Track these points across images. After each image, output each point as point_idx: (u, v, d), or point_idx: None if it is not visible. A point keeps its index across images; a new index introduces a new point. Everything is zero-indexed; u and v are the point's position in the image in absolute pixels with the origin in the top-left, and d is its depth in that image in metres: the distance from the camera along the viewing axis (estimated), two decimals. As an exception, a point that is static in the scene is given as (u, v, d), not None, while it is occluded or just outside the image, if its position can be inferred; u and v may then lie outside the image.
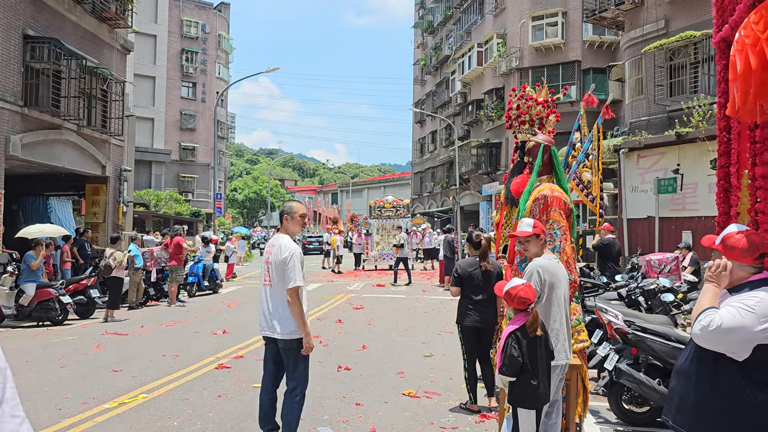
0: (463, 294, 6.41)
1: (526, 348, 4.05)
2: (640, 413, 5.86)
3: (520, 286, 4.14)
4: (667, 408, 3.06)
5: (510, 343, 4.08)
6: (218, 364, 8.27)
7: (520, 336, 4.08)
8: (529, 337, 4.08)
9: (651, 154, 17.66)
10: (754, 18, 2.85)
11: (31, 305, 12.01)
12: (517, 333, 4.10)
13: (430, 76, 48.68)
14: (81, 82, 16.61)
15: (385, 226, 26.09)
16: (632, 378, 5.64)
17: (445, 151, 43.71)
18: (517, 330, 4.11)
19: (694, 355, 2.93)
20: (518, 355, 4.04)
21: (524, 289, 4.13)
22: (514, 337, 4.09)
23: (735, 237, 2.97)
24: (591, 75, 28.74)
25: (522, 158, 5.89)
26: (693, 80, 16.84)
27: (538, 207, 5.10)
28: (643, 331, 5.79)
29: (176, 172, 46.35)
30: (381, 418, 5.96)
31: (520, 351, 4.04)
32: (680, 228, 16.65)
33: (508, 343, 4.09)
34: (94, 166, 17.90)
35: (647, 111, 18.06)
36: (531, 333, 4.06)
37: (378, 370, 8.06)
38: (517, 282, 4.22)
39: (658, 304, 8.28)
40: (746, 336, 2.68)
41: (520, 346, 4.05)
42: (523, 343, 4.05)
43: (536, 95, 6.17)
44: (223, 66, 52.65)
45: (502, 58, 32.04)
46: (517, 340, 4.07)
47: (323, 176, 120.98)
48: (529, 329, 4.07)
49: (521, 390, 4.09)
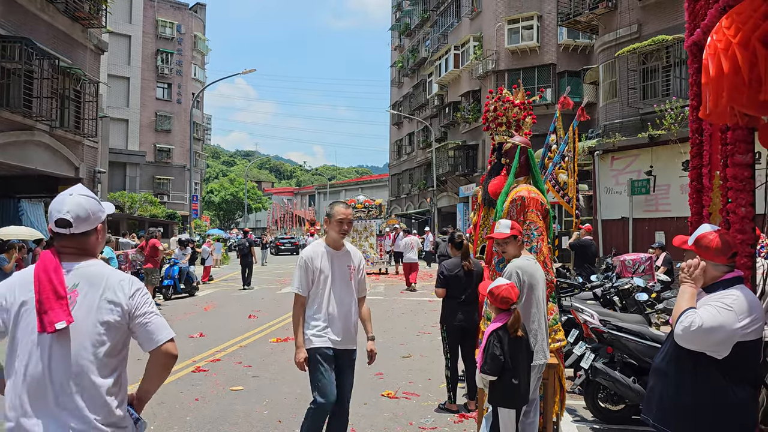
0: (448, 294, 6.47)
1: (508, 347, 4.07)
2: (615, 411, 5.93)
3: (504, 286, 4.17)
4: (647, 407, 3.10)
5: (492, 342, 4.10)
6: (195, 368, 8.20)
7: (502, 335, 4.10)
8: (510, 336, 4.11)
9: (624, 156, 17.92)
10: (725, 23, 2.91)
11: (3, 309, 11.76)
12: (499, 332, 4.12)
13: (408, 78, 48.82)
14: (53, 82, 16.33)
15: (357, 227, 24.43)
16: (608, 376, 5.71)
17: (423, 152, 43.87)
18: (498, 329, 4.14)
19: (673, 353, 2.98)
20: (500, 354, 4.05)
21: (507, 289, 4.16)
22: (496, 336, 4.11)
23: (708, 237, 3.03)
24: (566, 78, 29.08)
25: (499, 160, 5.95)
26: (665, 83, 17.12)
27: (515, 208, 5.14)
28: (618, 330, 5.87)
29: (151, 174, 45.82)
30: (360, 419, 5.96)
31: (502, 350, 4.06)
32: (653, 228, 16.91)
33: (490, 342, 4.11)
34: (67, 167, 17.63)
35: (621, 114, 18.32)
36: (512, 333, 4.09)
37: (357, 371, 8.01)
38: (502, 282, 4.26)
39: (633, 303, 8.41)
40: (727, 334, 2.75)
41: (502, 345, 4.07)
42: (504, 341, 4.07)
43: (513, 97, 6.25)
44: (199, 67, 52.23)
45: (479, 60, 32.26)
46: (499, 339, 4.09)
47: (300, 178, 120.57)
48: (511, 329, 4.09)
49: (502, 389, 4.11)
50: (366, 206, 24.89)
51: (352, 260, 4.67)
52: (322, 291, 4.48)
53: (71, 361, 2.31)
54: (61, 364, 2.31)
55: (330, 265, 4.51)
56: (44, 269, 2.42)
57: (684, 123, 15.45)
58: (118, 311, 2.39)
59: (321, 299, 4.47)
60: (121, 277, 2.49)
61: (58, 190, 18.20)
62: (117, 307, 2.39)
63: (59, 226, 2.47)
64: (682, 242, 3.20)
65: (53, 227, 2.49)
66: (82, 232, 2.49)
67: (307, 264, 4.44)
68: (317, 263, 4.47)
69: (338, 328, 4.55)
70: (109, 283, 2.43)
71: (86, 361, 2.32)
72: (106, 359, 2.36)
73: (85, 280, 2.43)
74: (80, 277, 2.43)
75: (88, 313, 2.36)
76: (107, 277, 2.45)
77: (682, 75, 16.59)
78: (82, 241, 2.51)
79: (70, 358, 2.31)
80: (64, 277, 2.40)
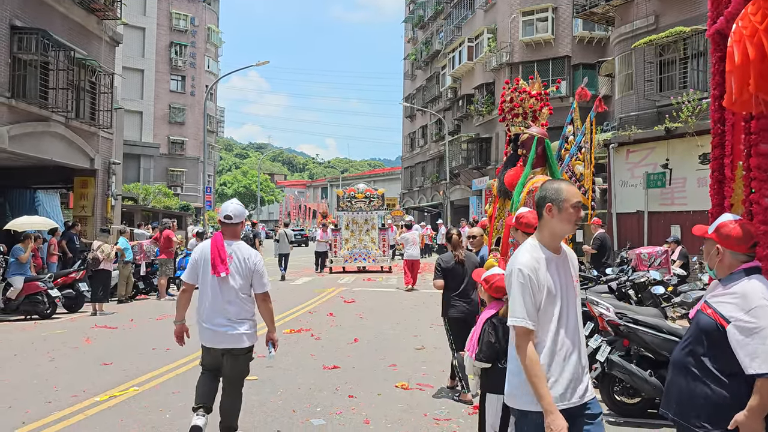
0: (446, 286, 6.60)
1: (503, 334, 4.10)
2: (631, 404, 5.89)
3: (499, 275, 4.22)
4: (666, 401, 3.06)
5: (487, 330, 4.16)
6: (209, 357, 8.22)
7: (497, 322, 4.14)
8: (505, 324, 4.12)
9: (640, 149, 17.75)
10: (751, 9, 2.85)
11: (19, 299, 11.89)
12: (493, 320, 4.18)
13: (421, 71, 48.65)
14: (69, 73, 16.43)
15: (357, 219, 22.39)
16: (624, 369, 5.67)
17: (436, 145, 43.75)
18: (492, 317, 4.19)
19: (692, 347, 2.94)
20: (495, 341, 4.10)
21: (501, 278, 4.19)
22: (490, 324, 4.17)
23: (729, 226, 2.98)
24: (581, 70, 28.82)
25: (515, 151, 5.89)
26: (682, 76, 16.93)
27: (532, 199, 5.10)
28: (635, 322, 5.82)
29: (165, 166, 46.04)
30: (374, 410, 5.96)
31: (497, 337, 4.10)
32: (669, 222, 16.76)
33: (485, 330, 4.17)
34: (82, 158, 17.74)
35: (637, 106, 18.14)
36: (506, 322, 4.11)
37: (370, 362, 8.06)
38: (497, 271, 4.31)
39: (649, 296, 8.34)
40: None
41: (497, 333, 4.11)
42: (499, 329, 4.11)
43: (529, 88, 6.18)
44: (213, 59, 52.33)
45: (493, 53, 32.05)
46: (494, 327, 4.14)
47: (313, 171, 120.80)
48: (504, 318, 4.10)
49: (494, 376, 4.14)
50: (367, 196, 22.61)
51: (573, 267, 3.06)
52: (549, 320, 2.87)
53: (228, 290, 4.74)
54: (223, 292, 4.74)
55: (558, 279, 2.91)
56: (215, 244, 4.80)
57: (701, 116, 15.28)
58: (249, 269, 4.78)
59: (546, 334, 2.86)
60: (252, 252, 4.86)
61: (73, 182, 18.36)
62: (248, 267, 4.78)
63: (226, 219, 4.84)
64: (702, 231, 3.15)
65: (222, 219, 4.86)
66: (235, 224, 4.88)
67: (531, 279, 2.83)
68: (542, 277, 2.86)
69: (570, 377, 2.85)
70: (245, 254, 4.81)
71: (234, 291, 4.74)
72: (243, 292, 4.78)
73: (235, 251, 4.81)
74: (233, 250, 4.81)
75: (236, 269, 4.76)
76: (245, 251, 4.83)
77: (700, 67, 16.39)
78: (235, 229, 4.90)
79: (228, 289, 4.74)
80: (225, 249, 4.78)
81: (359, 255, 22.15)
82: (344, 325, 11.01)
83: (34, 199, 18.90)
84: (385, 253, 22.70)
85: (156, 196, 37.10)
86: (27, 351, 8.81)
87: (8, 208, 18.33)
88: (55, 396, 6.43)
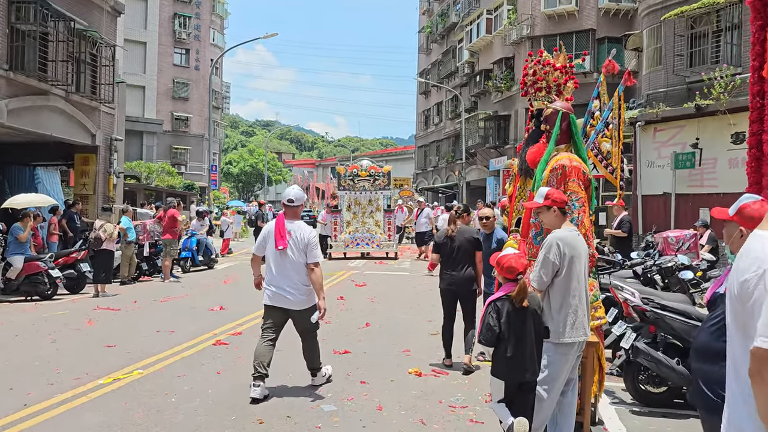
0: (441, 261, 7.39)
1: (507, 318, 4.16)
2: (657, 393, 5.88)
3: (510, 255, 4.31)
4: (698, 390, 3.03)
5: (489, 312, 4.23)
6: (216, 341, 8.29)
7: (500, 306, 4.21)
8: (512, 307, 4.19)
9: (668, 128, 17.56)
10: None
11: (19, 279, 12.01)
12: (497, 303, 4.24)
13: (436, 45, 48.29)
14: (69, 45, 16.43)
15: (359, 200, 20.94)
16: (650, 357, 5.63)
17: (451, 123, 43.53)
18: (498, 299, 4.26)
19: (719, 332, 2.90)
20: (494, 325, 4.17)
21: (514, 258, 4.30)
22: (493, 307, 4.24)
23: (753, 206, 2.88)
24: (606, 44, 28.45)
25: (538, 126, 5.82)
26: (715, 50, 16.67)
27: (555, 177, 5.05)
28: (662, 308, 5.79)
29: (168, 144, 46.17)
30: (387, 396, 5.98)
31: (498, 321, 4.17)
32: (697, 205, 16.59)
33: (487, 311, 4.25)
34: (83, 134, 17.80)
35: (665, 82, 17.91)
36: (518, 303, 4.19)
37: (383, 347, 8.09)
38: (510, 251, 4.40)
39: (676, 282, 8.29)
40: None
41: (499, 316, 4.18)
42: (502, 312, 4.17)
43: (554, 60, 6.09)
44: (218, 32, 52.24)
45: (513, 25, 31.71)
46: (496, 310, 4.21)
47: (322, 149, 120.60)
48: (516, 299, 4.18)
49: (496, 360, 4.27)
50: (371, 174, 21.11)
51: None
52: None
53: (287, 261, 5.97)
54: (284, 262, 5.98)
55: None
56: (278, 223, 6.07)
57: (734, 93, 15.06)
58: (304, 243, 5.98)
59: None
60: (308, 229, 6.09)
61: (74, 158, 18.45)
62: (304, 242, 5.98)
63: (288, 202, 6.14)
64: (722, 214, 3.06)
65: (285, 202, 6.16)
66: (296, 206, 6.16)
67: None
68: None
69: None
70: (303, 231, 6.04)
71: (294, 261, 5.97)
72: (300, 262, 5.98)
73: (294, 229, 6.04)
74: (292, 227, 6.05)
75: (294, 243, 5.97)
76: (303, 229, 6.07)
77: (734, 40, 16.12)
78: (296, 210, 6.19)
79: (287, 260, 5.97)
80: (285, 227, 6.02)
81: (362, 239, 20.61)
82: (355, 309, 11.04)
83: (34, 176, 19.04)
84: (391, 238, 21.32)
85: (159, 175, 37.25)
86: (28, 332, 8.91)
87: (7, 185, 18.48)
88: (57, 378, 6.51)
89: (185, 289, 13.68)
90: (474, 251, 7.20)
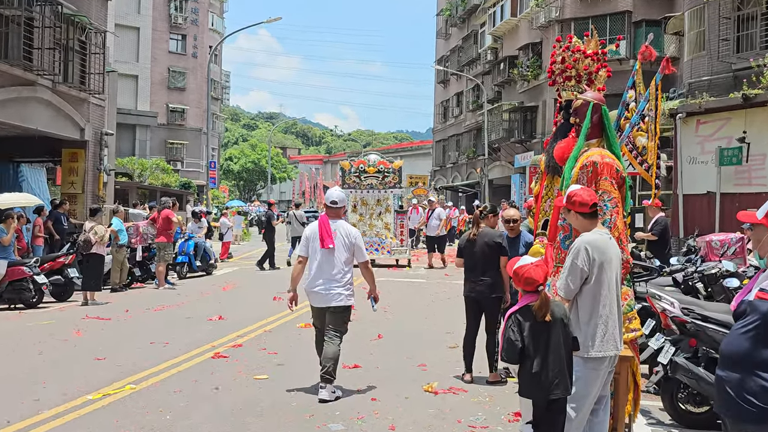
0: (465, 266, 7.45)
1: (530, 330, 4.12)
2: (698, 413, 5.85)
3: (529, 265, 4.21)
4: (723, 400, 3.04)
5: (509, 326, 4.19)
6: (214, 353, 8.35)
7: (522, 319, 4.16)
8: (535, 320, 4.14)
9: (713, 120, 17.43)
10: None
11: (2, 285, 12.14)
12: (518, 315, 4.19)
13: (456, 29, 48.29)
14: (56, 31, 16.60)
15: (367, 200, 20.05)
16: (690, 373, 5.61)
17: (473, 115, 43.49)
18: (518, 311, 4.20)
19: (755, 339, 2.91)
20: (516, 339, 4.13)
21: (532, 268, 4.19)
22: (514, 320, 4.19)
23: None
24: (644, 28, 28.27)
25: (567, 119, 5.82)
26: (764, 34, 16.56)
27: (586, 175, 5.05)
28: (704, 320, 5.76)
29: (163, 138, 46.45)
30: (401, 415, 6.01)
31: (520, 335, 4.13)
32: (745, 205, 16.37)
33: (508, 326, 4.21)
34: (71, 128, 17.99)
35: (709, 70, 17.80)
36: (540, 318, 4.12)
37: (396, 361, 8.12)
38: (528, 260, 4.30)
39: (720, 290, 8.21)
40: None
41: (521, 330, 4.14)
42: (525, 326, 4.13)
43: (584, 47, 6.09)
44: (217, 16, 52.55)
45: (540, 8, 31.63)
46: (518, 324, 4.16)
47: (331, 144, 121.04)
48: (538, 314, 4.12)
49: (521, 377, 4.23)
50: (380, 170, 20.16)
51: None
52: None
53: (333, 260, 6.66)
54: (329, 261, 6.66)
55: None
56: (322, 223, 6.76)
57: (786, 81, 14.95)
58: (350, 242, 6.73)
59: None
60: (352, 229, 6.90)
61: (61, 154, 18.62)
62: (350, 241, 6.73)
63: (332, 204, 6.84)
64: (749, 217, 3.08)
65: (329, 204, 6.87)
66: (339, 207, 6.90)
67: None
68: None
69: None
70: (347, 231, 6.81)
71: (339, 260, 6.68)
72: (345, 261, 6.73)
73: (338, 228, 6.76)
74: (337, 227, 6.77)
75: (340, 243, 6.70)
76: (347, 228, 6.86)
77: (786, 23, 16.00)
78: (338, 211, 6.92)
79: (333, 259, 6.66)
80: (330, 227, 6.72)
81: (370, 245, 18.46)
82: (366, 319, 11.03)
83: (18, 173, 19.22)
84: (404, 243, 20.43)
85: (153, 172, 37.48)
86: (11, 343, 9.02)
87: (-11, 183, 18.67)
88: (43, 393, 6.58)
89: (181, 296, 13.77)
90: (497, 256, 7.18)
